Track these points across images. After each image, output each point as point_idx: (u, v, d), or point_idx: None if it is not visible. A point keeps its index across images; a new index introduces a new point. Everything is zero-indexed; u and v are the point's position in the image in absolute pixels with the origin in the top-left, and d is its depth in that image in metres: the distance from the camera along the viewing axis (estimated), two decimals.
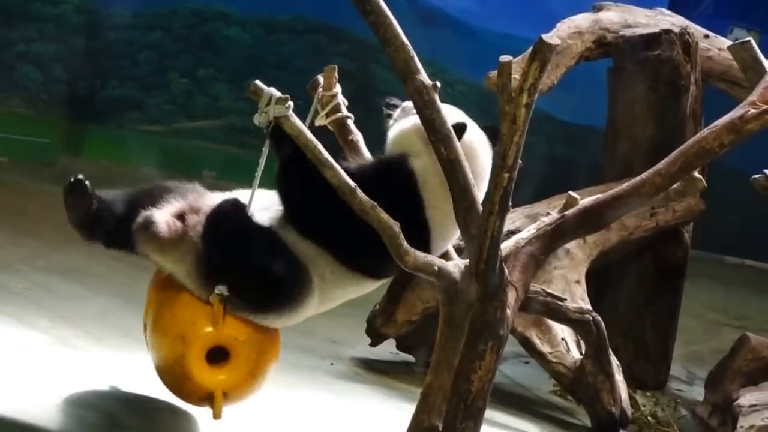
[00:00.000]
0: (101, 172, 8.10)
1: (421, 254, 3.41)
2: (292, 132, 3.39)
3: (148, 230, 3.57)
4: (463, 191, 3.22)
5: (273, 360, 3.71)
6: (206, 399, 3.63)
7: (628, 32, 5.95)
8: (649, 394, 5.69)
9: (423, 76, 3.22)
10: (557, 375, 5.14)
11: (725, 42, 6.07)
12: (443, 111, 3.28)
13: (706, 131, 3.50)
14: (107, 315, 4.99)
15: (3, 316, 4.55)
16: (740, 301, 8.26)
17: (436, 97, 3.23)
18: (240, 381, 3.63)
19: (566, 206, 3.61)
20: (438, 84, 3.26)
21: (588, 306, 5.12)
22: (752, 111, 3.49)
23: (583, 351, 5.06)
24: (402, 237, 3.36)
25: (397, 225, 3.38)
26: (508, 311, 3.27)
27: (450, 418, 3.27)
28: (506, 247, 3.40)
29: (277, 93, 3.44)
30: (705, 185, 5.57)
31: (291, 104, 3.43)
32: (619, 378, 5.07)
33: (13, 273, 5.35)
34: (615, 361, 5.06)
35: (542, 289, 4.90)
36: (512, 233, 3.99)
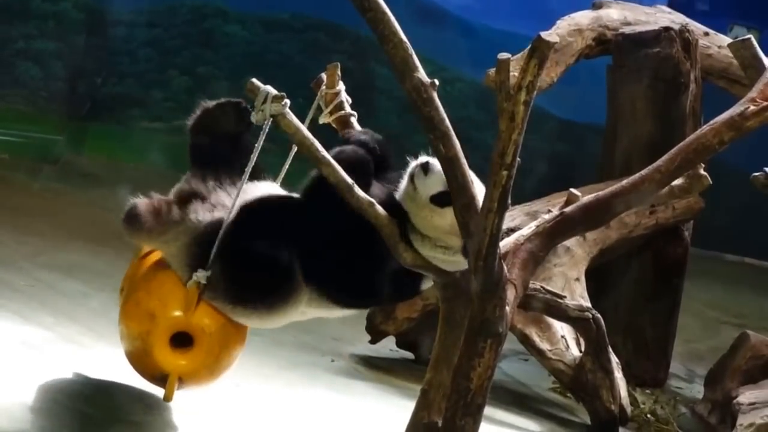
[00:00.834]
0: (101, 169, 8.11)
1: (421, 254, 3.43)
2: (289, 130, 3.40)
3: (131, 222, 3.62)
4: (462, 189, 3.23)
5: (235, 357, 3.72)
6: (160, 379, 3.66)
7: (628, 30, 5.96)
8: (649, 392, 5.70)
9: (421, 74, 3.23)
10: (557, 372, 5.15)
11: (725, 39, 6.08)
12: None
13: (706, 128, 3.50)
14: (110, 311, 4.96)
15: (6, 313, 4.56)
16: (739, 299, 8.26)
17: (435, 95, 3.23)
18: (197, 370, 3.66)
19: (567, 203, 3.61)
20: (436, 81, 3.26)
21: (588, 303, 5.13)
22: (752, 108, 3.49)
23: (583, 348, 5.06)
24: (399, 234, 3.38)
25: (395, 222, 3.39)
26: (507, 308, 3.27)
27: (449, 415, 3.27)
28: (505, 245, 3.40)
29: (274, 91, 3.44)
30: (710, 182, 5.61)
31: (287, 102, 3.43)
32: (619, 376, 5.07)
33: (16, 270, 5.35)
34: (614, 359, 5.06)
35: (542, 287, 4.91)
36: (512, 231, 3.99)
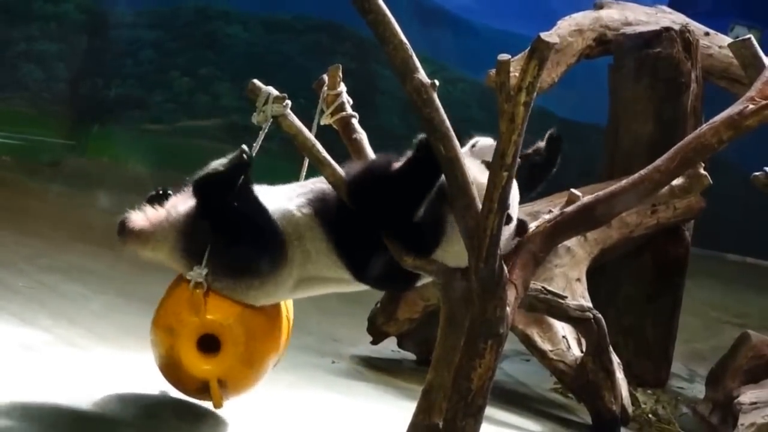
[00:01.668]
0: (103, 171, 8.12)
1: None
2: (290, 131, 3.41)
3: (124, 229, 3.65)
4: (462, 189, 3.23)
5: (270, 349, 3.72)
6: (204, 390, 3.67)
7: (629, 30, 5.96)
8: (650, 392, 5.70)
9: (421, 75, 3.23)
10: (558, 373, 5.15)
11: (726, 39, 6.08)
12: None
13: (705, 127, 3.50)
14: (109, 314, 5.00)
15: (5, 315, 4.56)
16: (741, 299, 8.26)
17: (435, 96, 3.24)
18: (232, 367, 3.65)
19: (568, 203, 3.62)
20: (437, 82, 3.26)
21: (589, 304, 5.13)
22: (751, 107, 3.49)
23: (584, 349, 5.06)
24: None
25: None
26: (508, 309, 3.27)
27: (450, 416, 3.28)
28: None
29: (275, 92, 3.44)
30: (710, 182, 5.61)
31: (288, 103, 3.44)
32: (620, 376, 5.07)
33: (16, 272, 5.36)
34: (616, 359, 5.06)
35: (543, 287, 4.91)
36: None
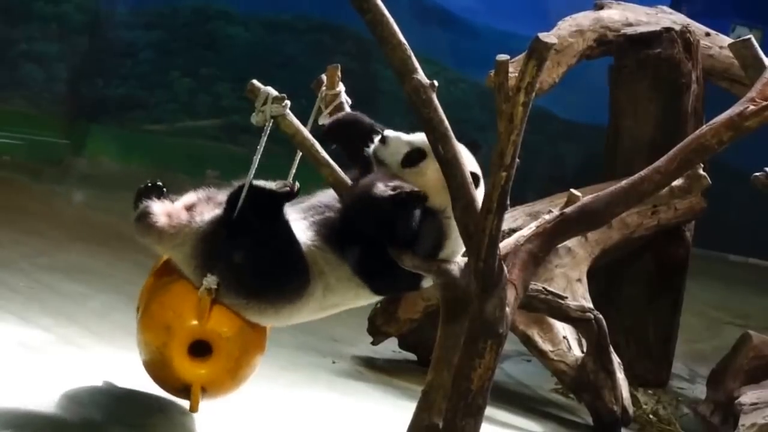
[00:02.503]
0: (103, 171, 8.12)
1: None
2: (289, 130, 3.40)
3: (144, 221, 3.61)
4: (461, 190, 3.23)
5: (256, 362, 3.72)
6: (183, 390, 3.66)
7: (630, 30, 5.95)
8: (651, 392, 5.69)
9: (420, 75, 3.23)
10: (559, 373, 5.14)
11: (726, 40, 6.07)
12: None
13: (705, 128, 3.50)
14: (110, 313, 5.00)
15: (5, 314, 4.56)
16: (742, 299, 8.25)
17: (434, 96, 3.23)
18: (219, 377, 3.64)
19: (568, 204, 3.61)
20: (435, 83, 3.26)
21: (589, 304, 5.13)
22: (751, 107, 3.48)
23: (585, 349, 5.06)
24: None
25: None
26: (508, 309, 3.27)
27: (450, 416, 3.28)
28: (506, 246, 3.41)
29: (274, 92, 3.44)
30: (710, 183, 5.60)
31: (288, 103, 3.44)
32: (621, 376, 5.07)
33: (16, 271, 5.36)
34: (616, 359, 5.06)
35: (543, 288, 4.91)
36: (513, 231, 3.99)
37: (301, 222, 3.60)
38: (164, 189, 3.70)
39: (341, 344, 5.42)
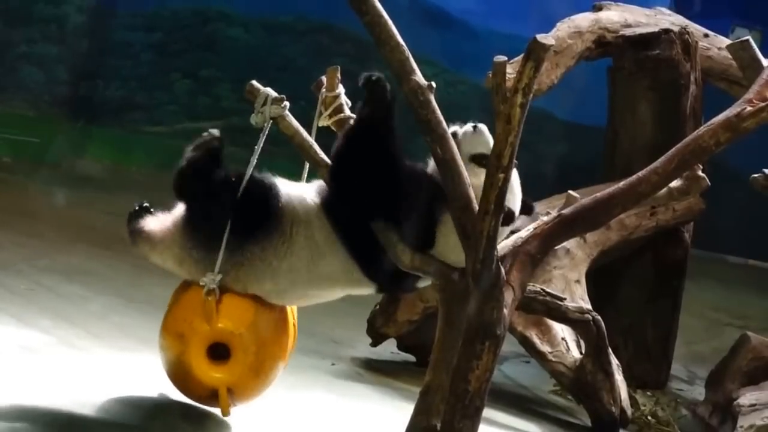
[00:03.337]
0: (103, 173, 8.13)
1: (419, 254, 3.42)
2: (288, 131, 3.41)
3: (137, 234, 3.68)
4: (458, 191, 3.23)
5: (279, 357, 3.72)
6: (212, 397, 3.67)
7: (628, 32, 5.95)
8: (650, 394, 5.69)
9: (418, 77, 3.24)
10: (557, 374, 5.14)
11: (725, 41, 6.08)
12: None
13: (703, 129, 3.50)
14: (109, 315, 5.00)
15: (5, 316, 4.56)
16: (742, 301, 8.26)
17: (432, 98, 3.24)
18: (242, 377, 3.65)
19: (566, 205, 3.61)
20: (433, 84, 3.27)
21: (588, 305, 5.13)
22: (749, 108, 3.49)
23: (583, 350, 5.06)
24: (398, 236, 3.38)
25: (391, 225, 3.40)
26: (506, 311, 3.27)
27: (448, 418, 3.28)
28: (504, 247, 3.41)
29: (273, 93, 3.45)
30: (708, 184, 5.60)
31: (287, 104, 3.44)
32: (619, 377, 5.07)
33: (16, 273, 5.36)
34: (615, 361, 5.06)
35: (542, 289, 4.91)
36: (512, 233, 4.00)
37: (313, 188, 3.62)
38: (152, 210, 3.74)
39: (340, 346, 5.42)
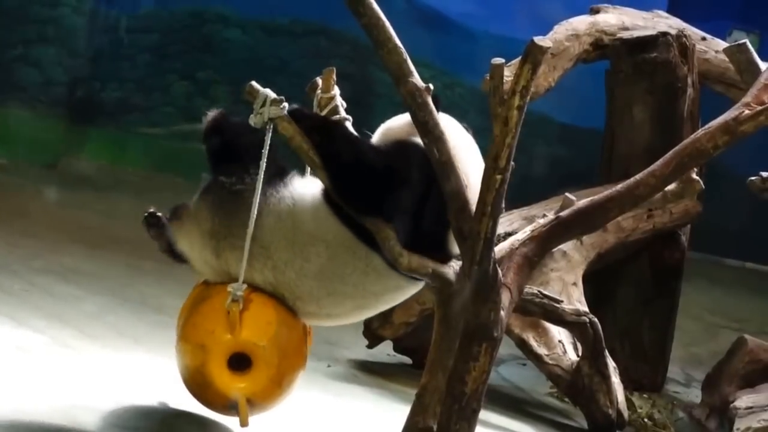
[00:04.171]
0: (100, 174, 8.13)
1: (416, 256, 3.42)
2: (287, 133, 3.41)
3: (172, 223, 3.70)
4: (456, 193, 3.23)
5: (299, 367, 3.69)
6: (231, 407, 3.62)
7: (626, 35, 5.96)
8: (646, 396, 5.70)
9: (416, 79, 3.23)
10: (554, 377, 5.15)
11: (722, 44, 6.08)
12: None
13: (701, 132, 3.50)
14: (104, 315, 5.00)
15: None
16: (739, 304, 8.26)
17: (429, 99, 3.24)
18: (264, 388, 3.60)
19: (563, 207, 3.61)
20: (431, 86, 3.26)
21: (585, 308, 5.13)
22: (746, 112, 3.49)
23: (580, 353, 5.06)
24: (396, 238, 3.38)
25: (392, 227, 3.39)
26: (502, 313, 3.27)
27: (444, 420, 3.27)
28: (501, 249, 3.41)
29: (273, 94, 3.45)
30: (703, 187, 5.61)
31: (286, 105, 3.44)
32: (616, 380, 5.07)
33: (10, 273, 5.36)
34: (612, 363, 5.06)
35: (539, 291, 4.91)
36: (509, 235, 4.00)
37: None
38: (159, 215, 3.77)
39: (337, 348, 5.42)
